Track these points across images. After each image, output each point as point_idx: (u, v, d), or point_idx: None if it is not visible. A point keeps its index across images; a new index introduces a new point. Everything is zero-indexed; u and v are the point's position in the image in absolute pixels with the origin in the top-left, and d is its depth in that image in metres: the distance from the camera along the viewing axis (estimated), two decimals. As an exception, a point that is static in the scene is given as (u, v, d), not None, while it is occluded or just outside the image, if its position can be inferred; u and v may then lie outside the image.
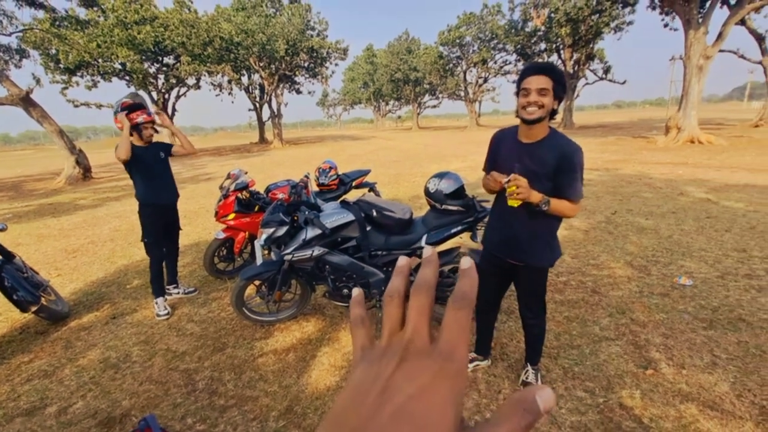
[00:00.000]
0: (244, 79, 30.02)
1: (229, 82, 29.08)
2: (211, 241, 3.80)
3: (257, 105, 31.50)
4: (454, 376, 0.23)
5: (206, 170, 15.64)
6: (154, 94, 25.49)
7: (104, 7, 20.35)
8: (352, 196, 4.91)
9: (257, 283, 2.88)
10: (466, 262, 0.27)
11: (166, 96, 26.17)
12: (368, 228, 2.59)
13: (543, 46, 30.40)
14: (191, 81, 26.95)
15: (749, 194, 6.25)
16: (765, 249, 3.95)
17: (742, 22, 18.22)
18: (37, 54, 19.68)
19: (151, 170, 3.14)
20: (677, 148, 13.27)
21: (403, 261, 0.31)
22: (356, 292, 0.33)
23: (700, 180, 7.60)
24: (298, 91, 33.00)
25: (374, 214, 2.52)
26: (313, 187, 2.96)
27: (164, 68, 25.11)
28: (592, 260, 3.93)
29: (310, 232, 2.49)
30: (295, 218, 2.51)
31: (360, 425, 0.22)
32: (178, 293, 3.61)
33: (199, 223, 6.53)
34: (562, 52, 27.94)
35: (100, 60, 21.71)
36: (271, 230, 2.50)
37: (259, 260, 2.54)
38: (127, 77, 23.50)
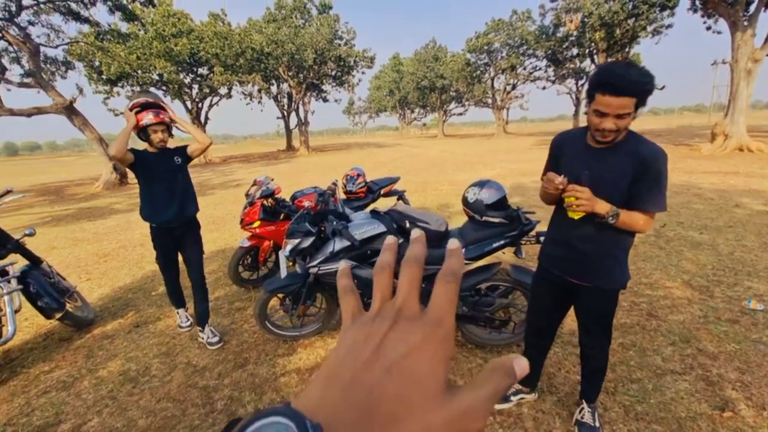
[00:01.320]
0: (273, 88, 30.75)
1: (259, 91, 29.86)
2: (236, 249, 3.70)
3: (285, 113, 32.14)
4: (442, 340, 0.25)
5: (235, 176, 15.95)
6: (189, 104, 26.45)
7: (144, 21, 21.36)
8: (381, 204, 4.75)
9: (281, 296, 2.72)
10: (453, 243, 0.29)
11: (200, 105, 27.08)
12: (400, 240, 2.38)
13: (575, 51, 29.54)
14: (223, 90, 27.82)
15: (817, 207, 5.63)
16: None
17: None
18: (81, 65, 20.81)
19: (157, 180, 2.61)
20: (725, 156, 12.38)
21: (391, 239, 0.32)
22: (343, 264, 0.34)
23: (755, 191, 6.95)
24: (325, 99, 33.46)
25: (407, 225, 2.32)
26: (341, 195, 2.79)
27: (198, 78, 26.02)
28: (644, 278, 3.56)
29: (338, 244, 2.31)
30: (323, 228, 2.34)
31: (354, 378, 0.23)
32: (203, 339, 2.89)
33: (226, 229, 6.53)
34: (595, 56, 27.01)
35: (139, 71, 22.75)
36: (297, 241, 2.35)
37: (283, 272, 2.39)
38: (164, 87, 24.51)
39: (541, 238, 2.25)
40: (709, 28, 19.75)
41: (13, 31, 14.90)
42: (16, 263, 2.88)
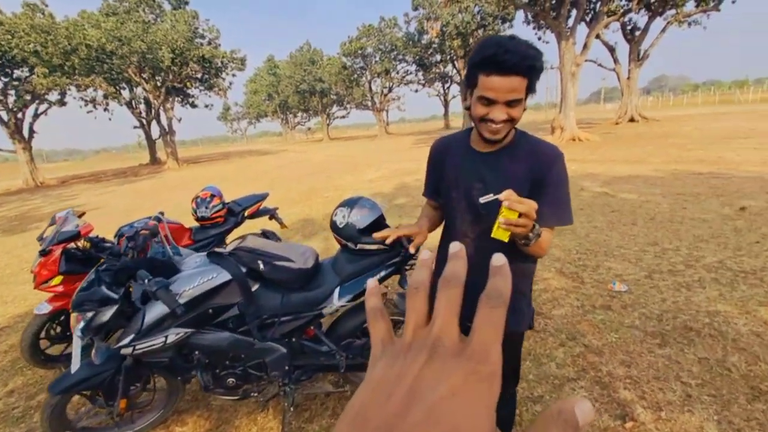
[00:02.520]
0: (125, 93, 26.26)
1: (105, 96, 25.15)
2: (30, 319, 2.59)
3: (144, 121, 27.79)
4: (488, 378, 0.21)
5: (76, 201, 12.90)
6: (4, 114, 20.71)
7: None
8: (250, 227, 4.00)
9: (86, 392, 1.86)
10: (499, 260, 0.26)
11: (19, 116, 21.42)
12: (255, 287, 1.79)
13: (438, 57, 32.16)
14: (53, 97, 22.55)
15: (636, 185, 6.79)
16: (672, 240, 4.06)
17: (597, 36, 21.26)
18: None
19: None
20: (562, 145, 14.61)
21: (426, 254, 0.29)
22: (371, 283, 0.30)
23: (592, 174, 8.17)
24: (193, 105, 29.97)
25: (261, 266, 1.73)
26: (166, 234, 2.05)
27: (15, 82, 20.54)
28: (525, 273, 3.62)
29: (154, 312, 1.60)
30: (130, 289, 1.60)
31: (386, 424, 0.20)
32: None
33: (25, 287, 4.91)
34: (455, 62, 29.83)
35: None
36: (90, 315, 1.56)
37: (75, 361, 1.57)
38: (-42, 94, 18.71)
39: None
40: (540, 38, 23.53)
41: None
42: None
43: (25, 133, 21.69)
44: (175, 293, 1.60)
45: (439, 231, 1.45)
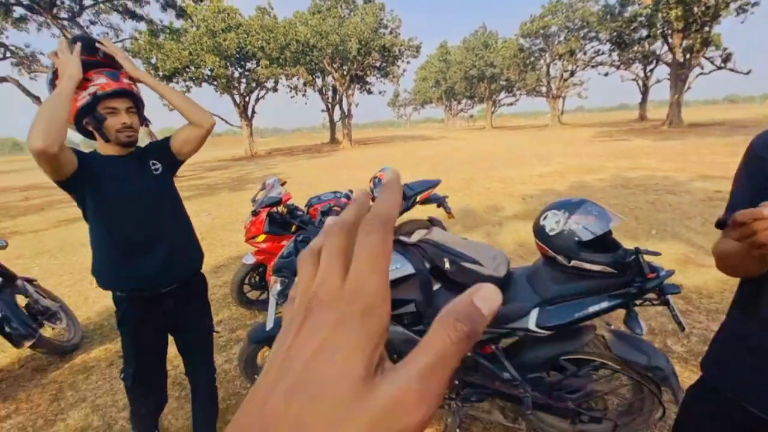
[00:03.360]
0: (318, 81, 30.68)
1: (304, 84, 29.91)
2: (239, 266, 3.10)
3: (329, 106, 32.01)
4: (360, 315, 0.18)
5: (276, 170, 15.81)
6: (237, 98, 27.04)
7: (195, 18, 21.91)
8: (417, 213, 3.95)
9: (273, 346, 2.05)
10: (389, 174, 0.23)
11: (247, 99, 27.60)
12: (436, 286, 1.59)
13: (644, 32, 26.36)
14: (269, 84, 28.15)
15: None
16: None
17: None
18: (139, 63, 21.78)
19: (121, 208, 1.42)
20: None
21: (330, 220, 0.23)
22: (330, 221, 0.23)
23: None
24: (369, 91, 32.89)
25: (447, 266, 1.52)
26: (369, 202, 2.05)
27: (246, 73, 26.46)
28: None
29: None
30: (322, 264, 1.62)
31: (257, 420, 0.17)
32: None
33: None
34: (669, 38, 23.87)
35: (191, 67, 23.46)
36: (286, 283, 1.64)
37: (270, 318, 1.70)
38: (214, 82, 25.19)
39: (670, 298, 1.36)
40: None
41: (75, 31, 15.68)
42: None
43: (249, 113, 27.85)
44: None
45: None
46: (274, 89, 28.93)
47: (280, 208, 3.07)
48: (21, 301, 2.66)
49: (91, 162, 1.36)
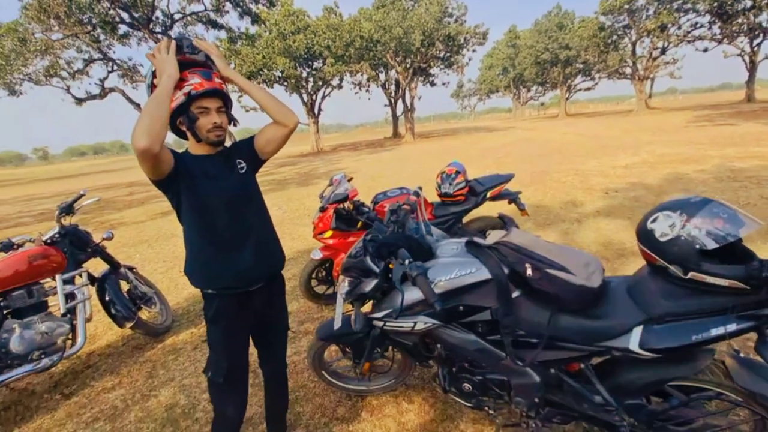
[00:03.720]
0: (381, 76, 30.83)
1: (368, 79, 30.25)
2: (308, 261, 3.18)
3: (392, 100, 32.09)
4: None
5: (341, 165, 16.27)
6: (305, 96, 28.26)
7: (268, 23, 23.22)
8: (486, 210, 3.73)
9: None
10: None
11: (314, 97, 28.71)
12: (515, 294, 1.44)
13: (750, 1, 22.35)
14: (335, 81, 28.97)
15: None
16: None
17: None
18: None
19: (214, 206, 1.44)
20: None
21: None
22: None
23: None
24: (432, 84, 32.36)
25: (529, 272, 1.36)
26: (424, 214, 1.94)
27: (313, 72, 27.49)
28: None
29: (411, 295, 1.49)
30: (391, 266, 1.55)
31: None
32: None
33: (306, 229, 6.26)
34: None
35: (264, 69, 24.99)
36: (354, 282, 1.60)
37: (338, 318, 1.68)
38: (285, 83, 26.59)
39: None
40: None
41: (167, 43, 17.53)
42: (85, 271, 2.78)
43: (315, 110, 28.94)
44: (431, 281, 1.43)
45: None
46: (339, 86, 29.69)
47: (347, 204, 3.08)
48: (123, 286, 3.00)
49: (185, 161, 1.40)
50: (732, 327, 1.12)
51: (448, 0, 25.47)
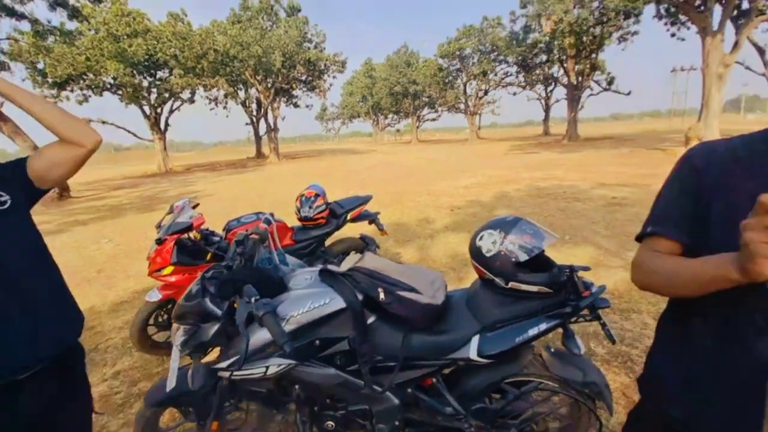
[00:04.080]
0: (241, 93, 29.25)
1: (225, 96, 28.27)
2: (141, 305, 2.64)
3: (254, 119, 30.68)
4: None
5: (194, 187, 14.53)
6: (147, 108, 24.60)
7: (94, 21, 19.59)
8: (349, 231, 3.77)
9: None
10: None
11: (159, 110, 25.25)
12: (370, 319, 1.44)
13: (544, 57, 29.80)
14: (185, 95, 26.13)
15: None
16: None
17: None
18: (19, 67, 18.74)
19: None
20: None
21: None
22: None
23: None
24: (296, 105, 32.28)
25: (381, 296, 1.37)
26: (276, 241, 1.81)
27: (157, 82, 24.25)
28: None
29: (257, 338, 1.33)
30: (235, 305, 1.36)
31: None
32: None
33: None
34: (564, 63, 27.24)
35: (90, 74, 20.85)
36: (190, 330, 1.35)
37: (171, 376, 1.39)
38: (119, 91, 22.66)
39: (600, 312, 1.36)
40: (673, 35, 20.28)
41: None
42: None
43: (161, 125, 25.46)
44: (282, 317, 1.31)
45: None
46: (191, 101, 26.92)
47: (193, 234, 2.69)
48: None
49: None
50: (543, 326, 1.34)
51: (307, 26, 26.05)
